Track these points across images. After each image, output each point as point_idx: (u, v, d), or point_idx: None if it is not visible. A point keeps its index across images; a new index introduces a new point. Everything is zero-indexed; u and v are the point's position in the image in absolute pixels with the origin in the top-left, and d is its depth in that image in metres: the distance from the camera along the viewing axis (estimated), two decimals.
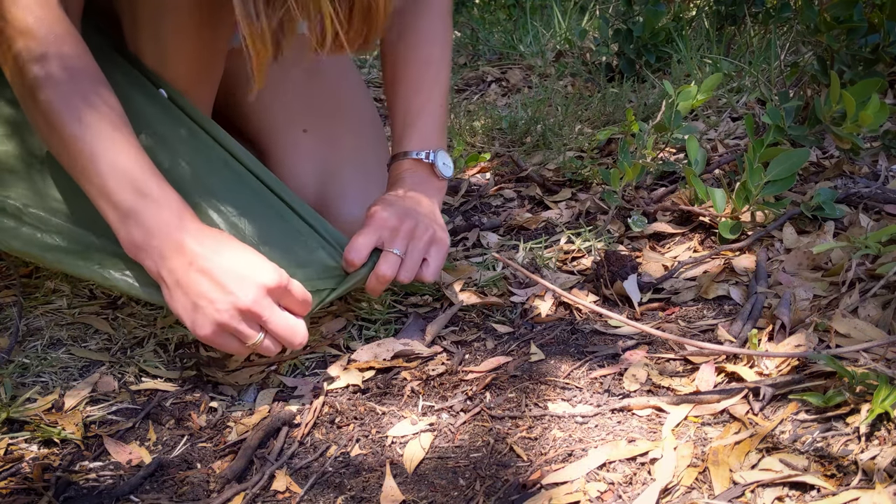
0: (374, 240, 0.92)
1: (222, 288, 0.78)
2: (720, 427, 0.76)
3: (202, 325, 0.79)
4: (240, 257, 0.80)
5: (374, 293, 0.94)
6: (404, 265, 0.93)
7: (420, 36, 1.09)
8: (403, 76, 1.08)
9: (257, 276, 0.79)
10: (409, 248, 0.94)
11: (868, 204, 1.10)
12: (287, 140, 1.14)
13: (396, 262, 0.92)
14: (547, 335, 0.96)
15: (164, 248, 0.79)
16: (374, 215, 0.94)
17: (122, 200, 0.80)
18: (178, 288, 0.79)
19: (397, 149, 1.05)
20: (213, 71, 1.06)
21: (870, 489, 0.62)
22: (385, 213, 0.94)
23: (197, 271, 0.78)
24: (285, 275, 0.81)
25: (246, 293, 0.78)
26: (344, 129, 1.17)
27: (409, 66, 1.08)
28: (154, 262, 0.80)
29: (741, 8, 1.86)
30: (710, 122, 1.54)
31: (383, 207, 0.95)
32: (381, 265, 0.92)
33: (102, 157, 0.80)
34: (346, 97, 1.21)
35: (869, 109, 1.04)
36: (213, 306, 0.78)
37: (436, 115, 1.07)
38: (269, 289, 0.79)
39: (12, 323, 1.00)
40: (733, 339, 0.88)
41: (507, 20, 2.65)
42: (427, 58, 1.09)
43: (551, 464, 0.73)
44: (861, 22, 1.23)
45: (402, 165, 1.04)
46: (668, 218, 1.20)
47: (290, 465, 0.78)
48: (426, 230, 0.95)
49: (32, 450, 0.80)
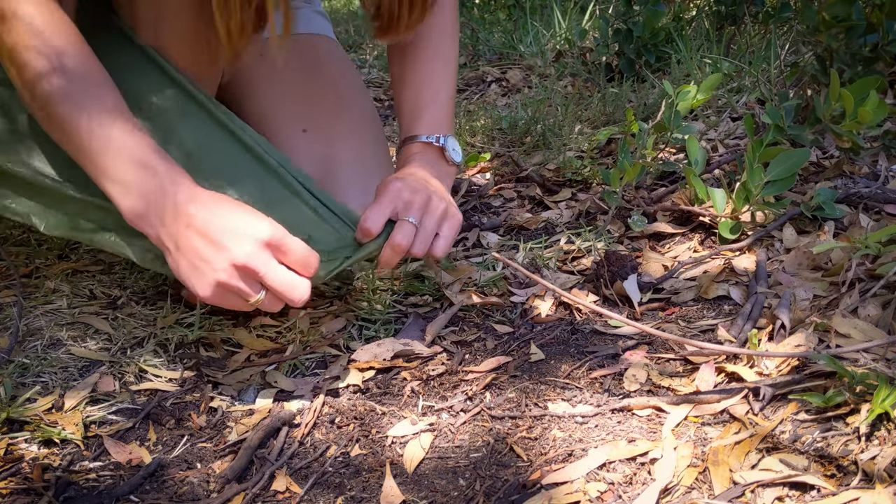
0: (389, 210, 0.92)
1: (218, 246, 0.78)
2: (720, 427, 0.76)
3: (203, 286, 0.79)
4: (235, 215, 0.80)
5: (387, 265, 0.93)
6: (419, 236, 0.92)
7: (429, 30, 1.10)
8: (413, 69, 1.09)
9: (252, 231, 0.78)
10: (423, 220, 0.93)
11: (868, 204, 1.10)
12: (286, 139, 1.14)
13: (412, 232, 0.92)
14: (547, 335, 0.96)
15: (162, 214, 0.80)
16: (388, 187, 0.94)
17: (120, 173, 0.80)
18: (178, 251, 0.80)
19: (407, 133, 1.06)
20: (213, 70, 1.06)
21: (870, 489, 0.62)
22: (399, 184, 0.94)
23: (194, 232, 0.79)
24: (281, 229, 0.80)
25: (241, 248, 0.78)
26: (343, 129, 1.17)
27: (418, 58, 1.10)
28: (154, 229, 0.81)
29: (741, 8, 1.86)
30: (710, 122, 1.54)
31: (396, 180, 0.95)
32: (396, 234, 0.91)
33: (99, 135, 0.80)
34: (345, 96, 1.21)
35: (868, 106, 1.04)
36: (210, 266, 0.78)
37: (445, 105, 1.07)
38: (265, 242, 0.79)
39: (12, 323, 1.00)
40: (733, 339, 0.88)
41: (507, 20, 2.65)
42: (436, 51, 1.10)
43: (551, 464, 0.73)
44: (860, 21, 1.23)
45: (411, 148, 1.04)
46: (668, 218, 1.20)
47: (290, 465, 0.78)
48: (440, 203, 0.95)
49: (32, 450, 0.80)
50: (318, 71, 1.22)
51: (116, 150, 0.81)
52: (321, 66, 1.23)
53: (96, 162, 0.81)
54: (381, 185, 0.95)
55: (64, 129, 0.82)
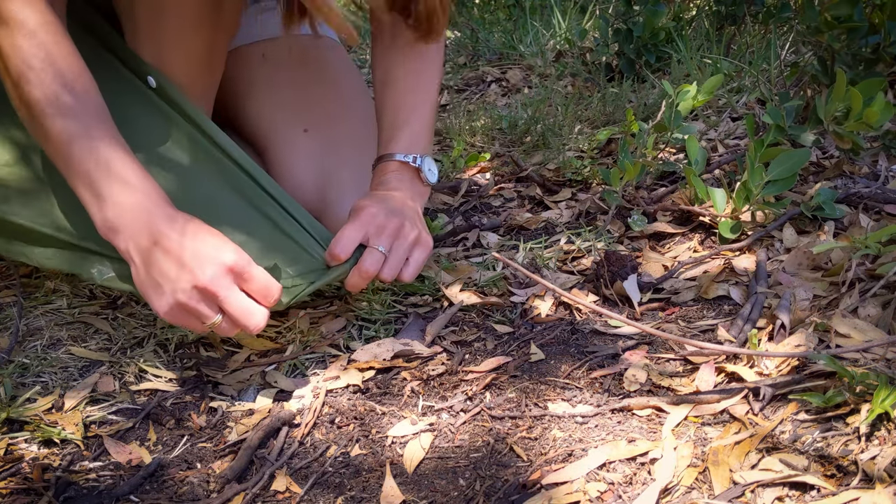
0: (360, 235, 0.93)
1: (183, 266, 0.79)
2: (720, 427, 0.76)
3: (162, 304, 0.81)
4: (203, 238, 0.81)
5: (353, 289, 0.95)
6: (388, 263, 0.93)
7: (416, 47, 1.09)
8: (394, 80, 1.09)
9: (217, 256, 0.80)
10: (393, 247, 0.94)
11: (868, 204, 1.10)
12: (287, 139, 1.14)
13: (380, 260, 0.93)
14: (547, 335, 0.96)
15: (133, 228, 0.81)
16: (361, 210, 0.94)
17: (96, 182, 0.82)
18: (143, 266, 0.81)
19: (384, 150, 1.06)
20: (213, 71, 1.06)
21: (870, 489, 0.62)
22: (373, 209, 0.94)
23: (161, 250, 0.80)
24: (246, 256, 0.82)
25: (204, 271, 0.79)
26: (344, 130, 1.17)
27: (400, 71, 1.09)
28: (124, 241, 0.82)
29: (741, 8, 1.85)
30: (710, 122, 1.54)
31: (371, 203, 0.95)
32: (364, 261, 0.92)
33: (79, 142, 0.82)
34: (346, 97, 1.21)
35: (875, 106, 1.04)
36: (172, 285, 0.80)
37: (424, 121, 1.07)
38: (228, 268, 0.80)
39: (12, 323, 1.00)
40: (733, 339, 0.88)
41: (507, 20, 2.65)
42: (417, 67, 1.09)
43: (551, 464, 0.73)
44: (862, 22, 1.23)
45: (388, 167, 1.04)
46: (668, 218, 1.20)
47: (290, 465, 0.78)
48: (412, 230, 0.96)
49: (32, 450, 0.80)
50: (319, 71, 1.22)
51: (99, 163, 0.82)
52: (323, 67, 1.23)
53: (79, 172, 0.82)
54: (356, 208, 0.96)
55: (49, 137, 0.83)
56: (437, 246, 1.20)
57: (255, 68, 1.20)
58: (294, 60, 1.21)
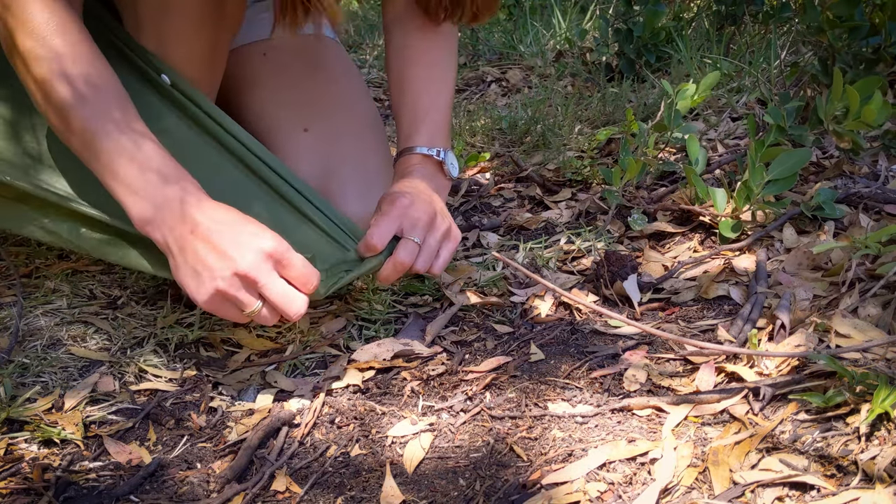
0: (396, 226, 0.93)
1: (222, 254, 0.79)
2: (720, 427, 0.76)
3: (202, 293, 0.80)
4: (241, 226, 0.81)
5: (386, 281, 0.94)
6: (421, 254, 0.93)
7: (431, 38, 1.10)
8: (412, 75, 1.09)
9: (256, 242, 0.80)
10: (427, 239, 0.94)
11: (868, 204, 1.10)
12: (288, 138, 1.14)
13: (415, 251, 0.93)
14: (547, 335, 0.96)
15: (170, 220, 0.81)
16: (395, 202, 0.94)
17: (128, 177, 0.81)
18: (181, 255, 0.81)
19: (407, 143, 1.06)
20: (215, 70, 1.06)
21: (870, 489, 0.62)
22: (406, 201, 0.94)
23: (199, 239, 0.80)
24: (285, 243, 0.81)
25: (244, 258, 0.79)
26: (345, 128, 1.17)
27: (417, 66, 1.09)
28: (162, 233, 0.82)
29: (741, 8, 1.85)
30: (710, 122, 1.54)
31: (404, 195, 0.95)
32: (399, 252, 0.92)
33: (105, 136, 0.82)
34: (347, 95, 1.22)
35: (873, 105, 1.05)
36: (211, 273, 0.79)
37: (443, 114, 1.08)
38: (267, 254, 0.80)
39: (12, 323, 1.00)
40: (733, 339, 0.88)
41: (507, 20, 2.65)
42: (434, 59, 1.10)
43: (551, 464, 0.73)
44: (863, 22, 1.23)
45: (411, 160, 1.04)
46: (669, 217, 1.20)
47: (290, 465, 0.77)
48: (443, 222, 0.96)
49: (32, 450, 0.80)
50: (320, 71, 1.22)
51: (130, 157, 0.82)
52: (323, 66, 1.23)
53: (109, 166, 0.82)
54: (388, 199, 0.95)
55: (75, 133, 0.83)
56: None
57: (255, 67, 1.20)
58: (295, 60, 1.22)
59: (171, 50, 0.97)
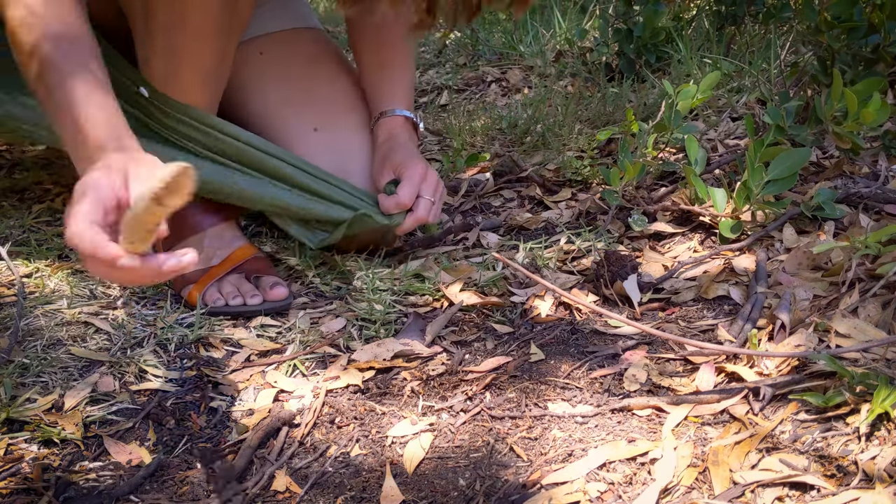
0: (417, 189, 1.07)
1: None
2: (720, 427, 0.76)
3: None
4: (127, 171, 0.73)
5: (405, 231, 1.09)
6: (433, 209, 1.09)
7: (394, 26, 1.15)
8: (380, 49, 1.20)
9: None
10: (433, 196, 1.09)
11: (868, 204, 1.10)
12: (298, 138, 1.15)
13: (430, 207, 1.08)
14: (547, 335, 0.96)
15: None
16: (416, 169, 1.08)
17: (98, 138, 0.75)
18: None
19: (388, 105, 1.17)
20: (221, 78, 1.07)
21: (870, 489, 0.62)
22: (422, 169, 1.08)
23: None
24: None
25: None
26: (353, 126, 1.18)
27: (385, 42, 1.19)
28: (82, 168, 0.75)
29: (741, 8, 1.85)
30: (710, 122, 1.54)
31: (419, 163, 1.09)
32: (419, 209, 1.07)
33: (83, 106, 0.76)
34: (347, 93, 1.22)
35: (871, 107, 1.04)
36: None
37: (411, 82, 1.21)
38: None
39: (12, 323, 1.00)
40: (733, 339, 0.88)
41: (507, 20, 2.64)
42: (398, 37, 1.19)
43: (551, 464, 0.73)
44: (861, 22, 1.23)
45: (395, 121, 1.16)
46: (669, 218, 1.20)
47: (290, 465, 0.77)
48: (437, 178, 1.11)
49: (32, 450, 0.80)
50: (318, 66, 1.23)
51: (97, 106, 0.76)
52: (321, 62, 1.24)
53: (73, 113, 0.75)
54: (410, 167, 1.08)
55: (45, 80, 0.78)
56: (437, 245, 1.21)
57: (252, 65, 1.20)
58: (294, 55, 1.22)
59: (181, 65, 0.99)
